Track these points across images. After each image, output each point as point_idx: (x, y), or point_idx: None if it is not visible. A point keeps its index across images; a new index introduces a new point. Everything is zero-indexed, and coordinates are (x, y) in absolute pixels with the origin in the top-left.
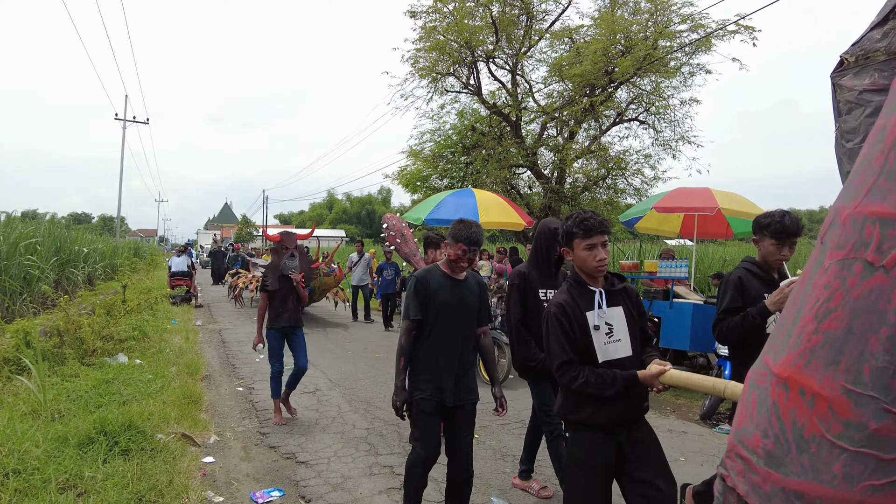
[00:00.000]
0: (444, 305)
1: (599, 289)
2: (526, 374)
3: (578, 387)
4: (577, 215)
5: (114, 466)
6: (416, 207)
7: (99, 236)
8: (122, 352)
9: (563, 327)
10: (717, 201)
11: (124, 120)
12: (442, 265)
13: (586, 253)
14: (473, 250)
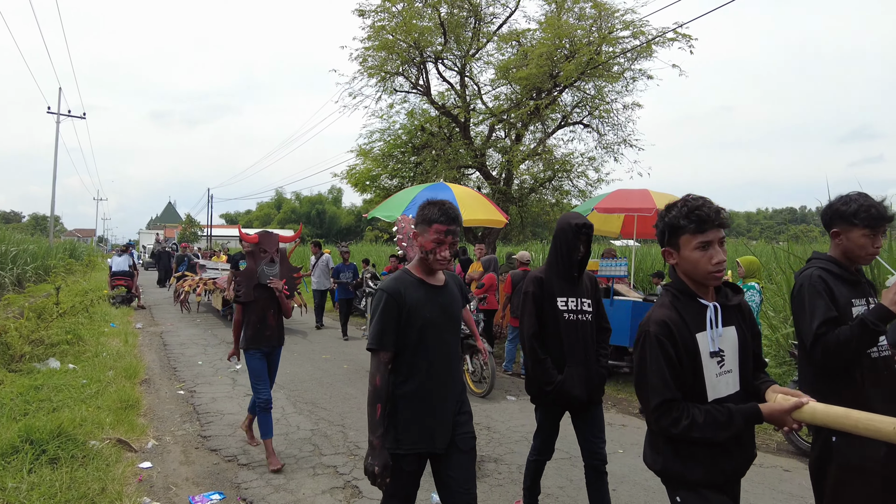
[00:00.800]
0: (426, 325)
1: (713, 303)
2: (537, 400)
3: (682, 431)
4: (686, 203)
5: (40, 476)
6: (385, 204)
7: (30, 236)
8: (54, 356)
9: (666, 354)
10: (655, 202)
11: (58, 114)
12: (413, 268)
13: (698, 254)
14: (454, 231)
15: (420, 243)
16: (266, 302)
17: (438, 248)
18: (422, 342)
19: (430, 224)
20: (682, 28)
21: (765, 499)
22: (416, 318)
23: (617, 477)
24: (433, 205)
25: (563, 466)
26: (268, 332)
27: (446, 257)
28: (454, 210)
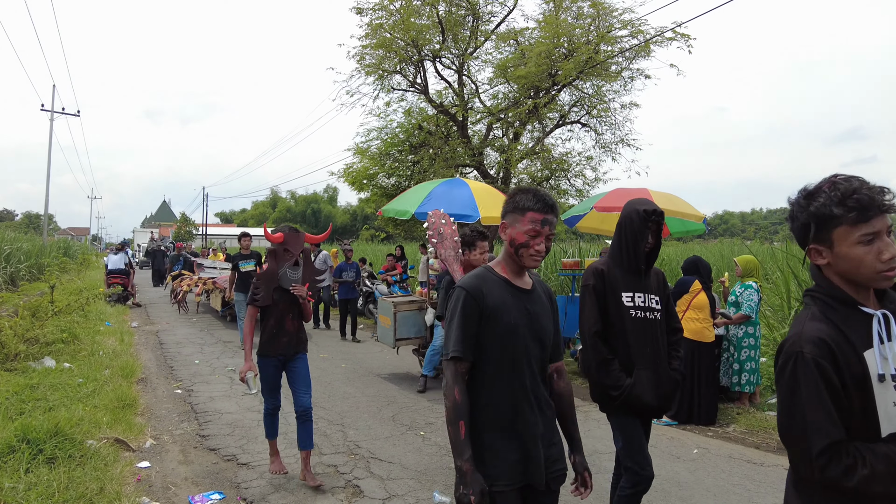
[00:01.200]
0: (509, 332)
1: (880, 311)
2: (607, 407)
3: (860, 482)
4: (837, 186)
5: (38, 476)
6: (399, 199)
7: (23, 234)
8: (50, 355)
9: (828, 382)
10: (655, 202)
11: (52, 111)
12: (497, 265)
13: (862, 250)
14: (551, 220)
15: (510, 236)
16: (285, 306)
17: (533, 241)
18: (503, 352)
19: (523, 212)
20: (680, 27)
21: (768, 498)
22: (498, 324)
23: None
24: (525, 191)
25: None
26: (285, 338)
27: (541, 252)
28: (550, 196)
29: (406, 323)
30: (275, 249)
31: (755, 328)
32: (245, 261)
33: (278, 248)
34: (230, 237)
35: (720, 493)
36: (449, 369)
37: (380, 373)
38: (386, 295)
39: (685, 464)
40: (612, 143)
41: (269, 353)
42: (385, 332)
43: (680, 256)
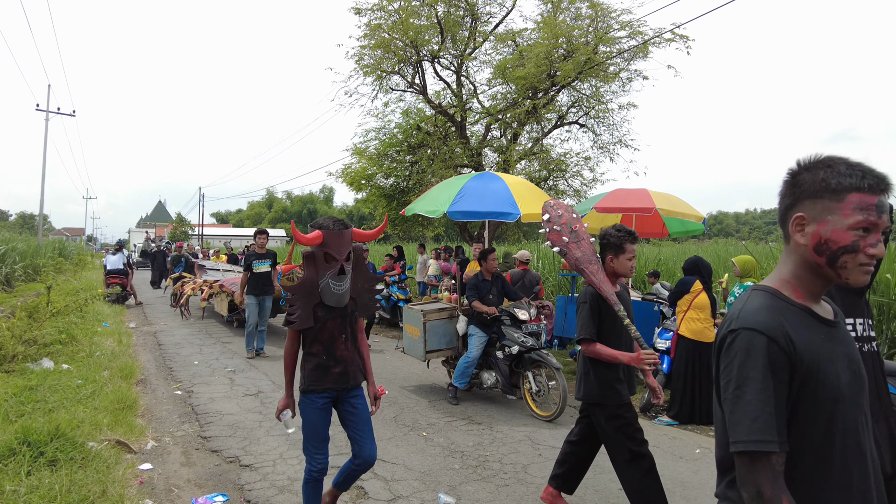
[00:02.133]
0: (839, 400)
1: None
2: None
3: None
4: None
5: (39, 478)
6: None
7: (18, 235)
8: (48, 356)
9: None
10: (654, 202)
11: (47, 111)
12: (783, 284)
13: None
14: (887, 207)
15: (818, 235)
16: (335, 325)
17: (865, 241)
18: (829, 434)
19: (839, 195)
20: (678, 28)
21: None
22: (823, 388)
23: (612, 475)
24: (834, 162)
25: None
26: (337, 368)
27: (875, 257)
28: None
29: (437, 333)
30: (312, 253)
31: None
32: (260, 260)
33: (317, 252)
34: (226, 237)
35: None
36: (757, 471)
37: (381, 374)
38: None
39: (688, 464)
40: (611, 143)
41: (316, 389)
42: (413, 344)
43: (676, 257)
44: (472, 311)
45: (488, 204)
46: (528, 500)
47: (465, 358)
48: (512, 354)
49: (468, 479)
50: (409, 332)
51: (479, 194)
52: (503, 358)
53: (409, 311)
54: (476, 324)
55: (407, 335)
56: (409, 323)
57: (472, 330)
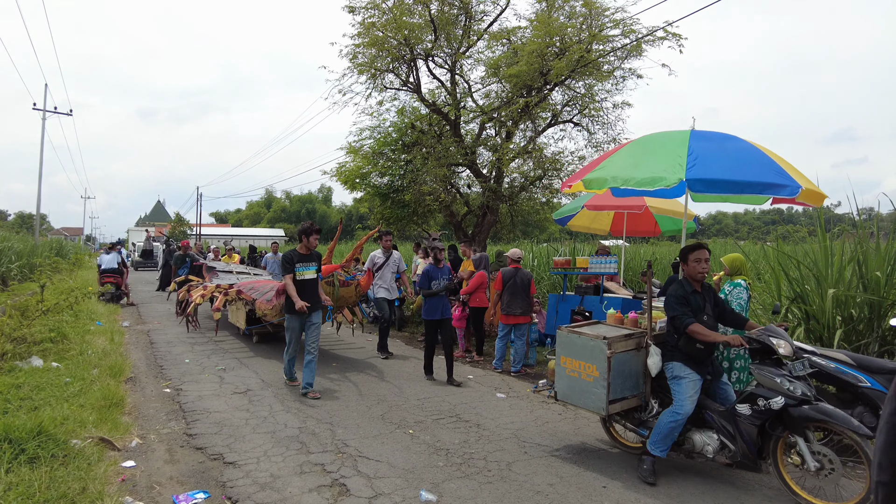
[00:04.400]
0: None
1: None
2: None
3: None
4: None
5: (19, 475)
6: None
7: (15, 234)
8: (38, 355)
9: None
10: (645, 200)
11: (44, 110)
12: None
13: None
14: None
15: None
16: None
17: None
18: None
19: None
20: (671, 27)
21: (756, 497)
22: None
23: (607, 474)
24: None
25: (553, 463)
26: None
27: None
28: None
29: (623, 372)
30: None
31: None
32: (304, 264)
33: None
34: (225, 237)
35: (709, 492)
36: None
37: (370, 371)
38: None
39: (674, 462)
40: (605, 142)
41: None
42: (583, 389)
43: (672, 255)
44: (674, 339)
45: (747, 171)
46: (511, 497)
47: (673, 414)
48: (770, 410)
49: (451, 476)
50: (574, 370)
51: (727, 158)
52: (751, 415)
53: (576, 339)
54: (683, 359)
55: (567, 374)
56: (576, 356)
57: (678, 369)
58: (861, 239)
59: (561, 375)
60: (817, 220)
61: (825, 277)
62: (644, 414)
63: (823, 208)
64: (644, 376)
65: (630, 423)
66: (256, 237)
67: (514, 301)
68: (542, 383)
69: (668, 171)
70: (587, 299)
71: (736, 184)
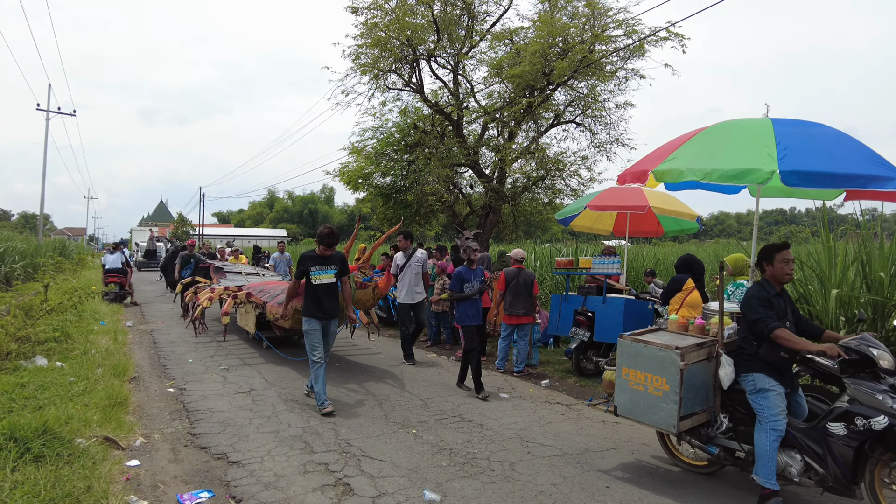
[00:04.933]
0: None
1: None
2: None
3: None
4: None
5: (24, 474)
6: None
7: (19, 234)
8: (42, 354)
9: None
10: (648, 200)
11: (47, 111)
12: None
13: None
14: None
15: None
16: None
17: None
18: None
19: None
20: (674, 27)
21: (756, 497)
22: None
23: (611, 474)
24: None
25: (556, 463)
26: None
27: None
28: None
29: (694, 385)
30: None
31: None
32: (322, 267)
33: None
34: (228, 237)
35: (713, 492)
36: None
37: (372, 371)
38: None
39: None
40: (607, 142)
41: None
42: (650, 404)
43: (675, 256)
44: (752, 346)
45: (845, 162)
46: (514, 497)
47: (770, 433)
48: (871, 430)
49: (455, 476)
50: (639, 383)
51: (818, 147)
52: (846, 435)
53: (641, 349)
54: (764, 369)
55: (630, 387)
56: (642, 367)
57: (761, 380)
58: (865, 239)
59: (622, 388)
60: (820, 221)
61: (828, 278)
62: (712, 430)
63: (827, 209)
64: (714, 389)
65: (696, 440)
66: (259, 237)
67: (517, 301)
68: (602, 399)
69: (759, 163)
70: (590, 299)
71: (835, 176)
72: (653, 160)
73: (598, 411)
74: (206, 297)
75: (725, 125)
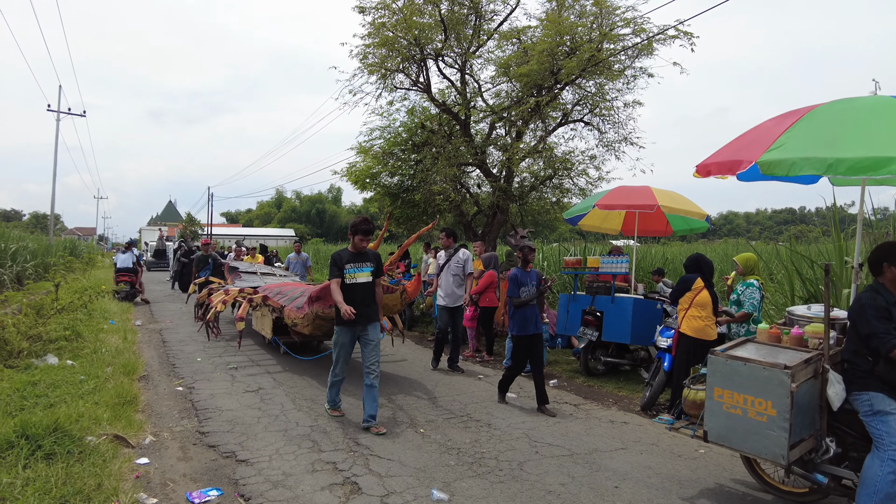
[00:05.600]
0: None
1: None
2: None
3: None
4: None
5: (35, 471)
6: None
7: (30, 234)
8: (53, 353)
9: None
10: (657, 199)
11: (58, 111)
12: None
13: None
14: None
15: None
16: None
17: None
18: None
19: None
20: (683, 25)
21: (769, 497)
22: None
23: (619, 474)
24: None
25: (565, 464)
26: None
27: None
28: None
29: (801, 407)
30: None
31: (757, 327)
32: (356, 264)
33: None
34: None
35: (721, 492)
36: None
37: (381, 372)
38: None
39: (686, 462)
40: (616, 141)
41: None
42: (750, 430)
43: (684, 255)
44: (866, 363)
45: None
46: (522, 496)
47: (889, 464)
48: None
49: (463, 475)
50: (736, 406)
51: None
52: None
53: (739, 367)
54: (882, 388)
55: (725, 410)
56: (740, 388)
57: (880, 402)
58: (877, 239)
59: (715, 412)
60: (831, 220)
61: (840, 278)
62: (817, 455)
63: (837, 208)
64: (820, 410)
65: (798, 468)
66: (267, 237)
67: None
68: (685, 422)
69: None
70: (598, 299)
71: None
72: (747, 148)
73: (606, 410)
74: (219, 300)
75: (838, 105)
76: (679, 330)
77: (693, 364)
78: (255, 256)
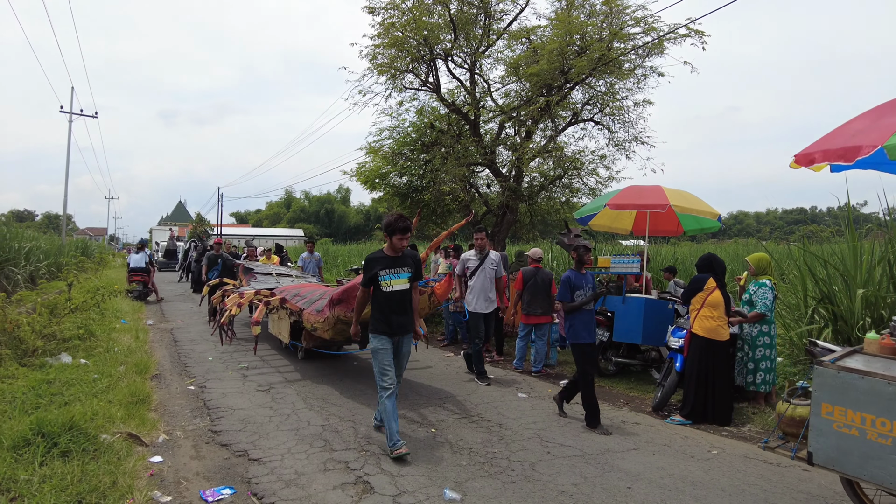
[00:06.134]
0: None
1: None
2: None
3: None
4: None
5: (52, 468)
6: None
7: (42, 234)
8: (66, 351)
9: None
10: (668, 199)
11: (70, 113)
12: None
13: None
14: None
15: None
16: None
17: None
18: None
19: None
20: (694, 24)
21: (785, 499)
22: None
23: (632, 475)
24: None
25: (577, 464)
26: None
27: None
28: None
29: None
30: None
31: (770, 327)
32: (393, 270)
33: None
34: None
35: (735, 493)
36: None
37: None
38: None
39: (700, 463)
40: (626, 141)
41: None
42: (870, 454)
43: (694, 255)
44: None
45: None
46: (535, 497)
47: None
48: None
49: (475, 475)
50: (850, 426)
51: None
52: None
53: (856, 381)
54: None
55: (836, 429)
56: (856, 406)
57: None
58: (891, 238)
59: (822, 431)
60: (843, 220)
61: (853, 278)
62: None
63: (851, 207)
64: None
65: None
66: (276, 237)
67: (535, 301)
68: (781, 441)
69: None
70: (609, 299)
71: None
72: (864, 134)
73: (617, 411)
74: (234, 303)
75: None
76: (691, 330)
77: (706, 364)
78: (270, 257)
